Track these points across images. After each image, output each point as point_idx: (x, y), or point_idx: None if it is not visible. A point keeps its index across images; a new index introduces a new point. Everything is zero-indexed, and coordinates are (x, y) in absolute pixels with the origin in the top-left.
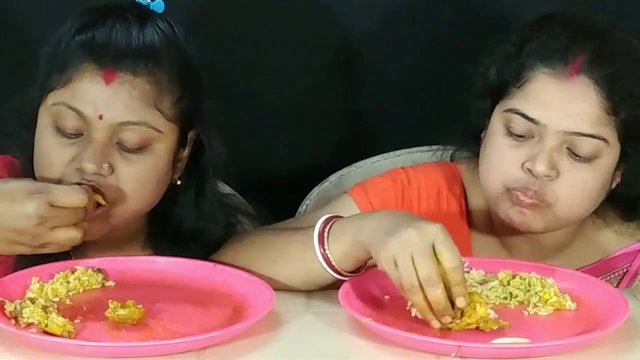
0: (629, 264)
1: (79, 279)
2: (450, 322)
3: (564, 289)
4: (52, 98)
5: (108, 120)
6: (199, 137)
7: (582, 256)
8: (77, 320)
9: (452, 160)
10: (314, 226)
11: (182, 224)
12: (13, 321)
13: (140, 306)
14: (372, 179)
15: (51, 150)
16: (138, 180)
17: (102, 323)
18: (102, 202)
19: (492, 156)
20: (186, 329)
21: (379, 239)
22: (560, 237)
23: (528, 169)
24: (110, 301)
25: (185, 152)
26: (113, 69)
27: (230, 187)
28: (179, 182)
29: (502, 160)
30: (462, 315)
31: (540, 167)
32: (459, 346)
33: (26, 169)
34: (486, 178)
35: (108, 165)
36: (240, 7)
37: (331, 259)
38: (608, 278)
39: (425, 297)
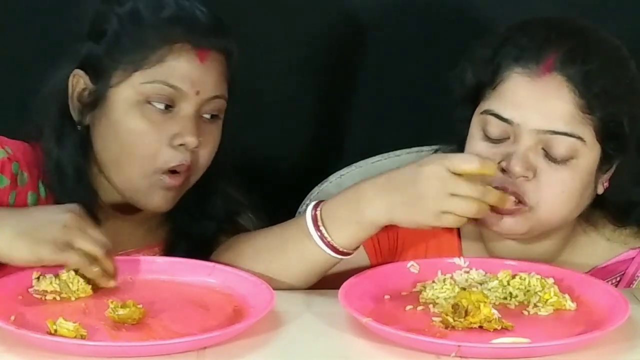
0: (622, 272)
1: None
2: (454, 321)
3: (563, 289)
4: (140, 77)
5: (202, 96)
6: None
7: (573, 266)
8: (77, 321)
9: None
10: (303, 215)
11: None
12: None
13: (140, 306)
14: None
15: (143, 133)
16: (214, 148)
17: (102, 323)
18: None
19: None
20: (186, 328)
21: (408, 212)
22: (549, 246)
23: (502, 169)
24: (110, 301)
25: None
26: (206, 48)
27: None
28: None
29: None
30: (466, 314)
31: (516, 167)
32: (459, 346)
33: (51, 146)
34: None
35: (201, 139)
36: (240, 6)
37: (333, 243)
38: None
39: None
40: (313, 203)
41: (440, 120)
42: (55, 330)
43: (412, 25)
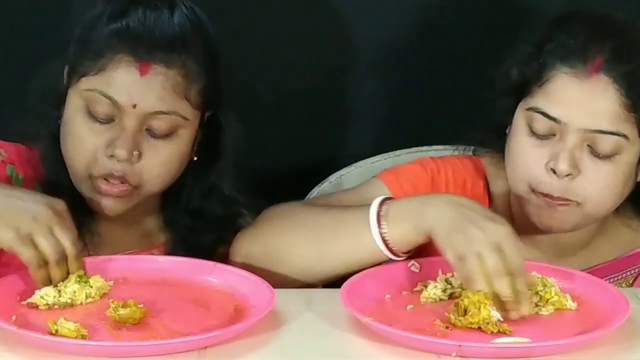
0: None
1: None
2: (455, 318)
3: (564, 289)
4: (85, 83)
5: (141, 110)
6: (216, 116)
7: (600, 253)
8: (77, 321)
9: (474, 154)
10: (368, 206)
11: (191, 199)
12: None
13: (141, 305)
14: (402, 166)
15: (83, 137)
16: (163, 165)
17: (103, 322)
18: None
19: (516, 156)
20: (187, 328)
21: (446, 231)
22: (583, 234)
23: (551, 169)
24: (111, 300)
25: (200, 131)
26: (148, 61)
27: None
28: (195, 158)
29: (526, 160)
30: (465, 313)
31: (563, 166)
32: (460, 345)
33: (46, 148)
34: (512, 177)
35: (138, 152)
36: (240, 6)
37: (389, 241)
38: (624, 275)
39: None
40: (381, 198)
41: (440, 120)
42: (56, 331)
43: (412, 26)
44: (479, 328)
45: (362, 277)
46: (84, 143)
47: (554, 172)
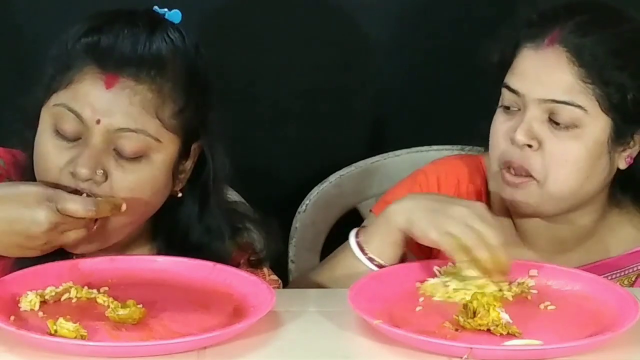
0: None
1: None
2: (464, 320)
3: (572, 290)
4: (54, 99)
5: (105, 126)
6: (203, 150)
7: (602, 249)
8: (77, 321)
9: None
10: (347, 243)
11: (188, 236)
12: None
13: (141, 306)
14: (392, 190)
15: (48, 153)
16: (131, 190)
17: (102, 323)
18: (121, 208)
19: (491, 131)
20: (186, 328)
21: (423, 218)
22: (580, 229)
23: (511, 139)
24: (110, 300)
25: (188, 164)
26: (115, 73)
27: (230, 187)
28: (179, 194)
29: (495, 136)
30: (474, 315)
31: (519, 136)
32: (471, 348)
33: (31, 166)
34: (490, 158)
35: (102, 171)
36: (240, 7)
37: (375, 259)
38: (626, 272)
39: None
40: (355, 231)
41: (440, 120)
42: (56, 331)
43: (411, 26)
44: (488, 330)
45: (370, 279)
46: (47, 160)
47: (515, 143)
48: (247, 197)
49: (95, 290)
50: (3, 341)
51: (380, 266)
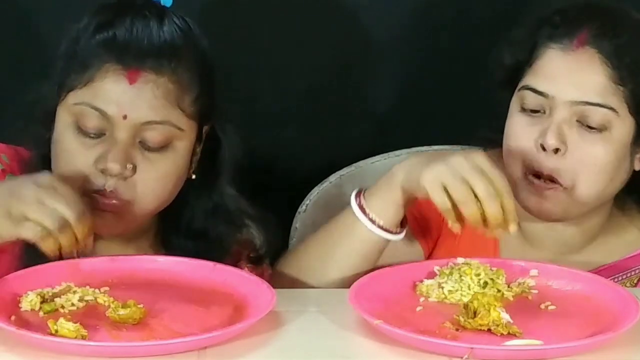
0: None
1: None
2: (464, 320)
3: (573, 290)
4: (73, 98)
5: (132, 120)
6: (214, 131)
7: (606, 252)
8: (77, 321)
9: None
10: (348, 205)
11: (193, 219)
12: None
13: (141, 306)
14: None
15: (74, 151)
16: (159, 180)
17: (103, 322)
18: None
19: (510, 137)
20: (187, 328)
21: (420, 170)
22: (586, 230)
23: (541, 145)
24: (111, 300)
25: (200, 146)
26: (137, 68)
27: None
28: (193, 177)
29: (518, 139)
30: (475, 315)
31: (550, 140)
32: (472, 348)
33: (37, 162)
34: (508, 162)
35: (132, 165)
36: (240, 7)
37: (375, 219)
38: (629, 275)
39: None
40: (356, 191)
41: (440, 120)
42: (56, 331)
43: (412, 26)
44: (489, 330)
45: (370, 279)
46: (75, 157)
47: (544, 148)
48: (247, 197)
49: (96, 290)
50: (3, 341)
51: (380, 227)
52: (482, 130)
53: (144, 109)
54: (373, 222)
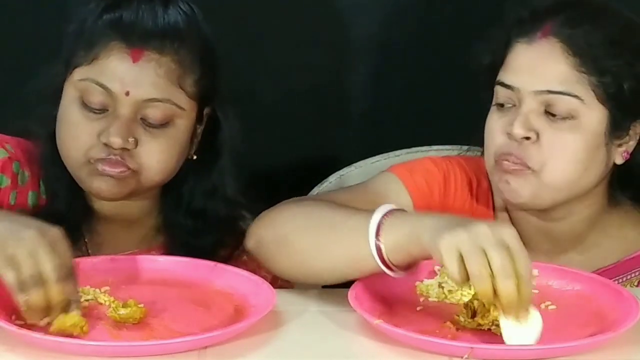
0: None
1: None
2: (464, 320)
3: (573, 290)
4: (78, 74)
5: (134, 97)
6: (215, 113)
7: (605, 254)
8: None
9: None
10: (372, 213)
11: (193, 198)
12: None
13: (142, 305)
14: (413, 161)
15: (78, 124)
16: (162, 152)
17: (103, 322)
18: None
19: (486, 131)
20: (187, 328)
21: (441, 231)
22: (574, 225)
23: (508, 134)
24: (111, 300)
25: (200, 128)
26: (140, 47)
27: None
28: (194, 157)
29: (490, 132)
30: (474, 315)
31: (517, 130)
32: (472, 348)
33: (45, 149)
34: (485, 156)
35: (134, 139)
36: (240, 7)
37: (383, 251)
38: (629, 277)
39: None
40: (387, 208)
41: (440, 120)
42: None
43: (411, 26)
44: (489, 329)
45: (371, 279)
46: (79, 129)
47: (512, 137)
48: (247, 197)
49: (96, 290)
50: (4, 340)
51: (385, 263)
52: (479, 129)
53: (146, 87)
54: (379, 250)
